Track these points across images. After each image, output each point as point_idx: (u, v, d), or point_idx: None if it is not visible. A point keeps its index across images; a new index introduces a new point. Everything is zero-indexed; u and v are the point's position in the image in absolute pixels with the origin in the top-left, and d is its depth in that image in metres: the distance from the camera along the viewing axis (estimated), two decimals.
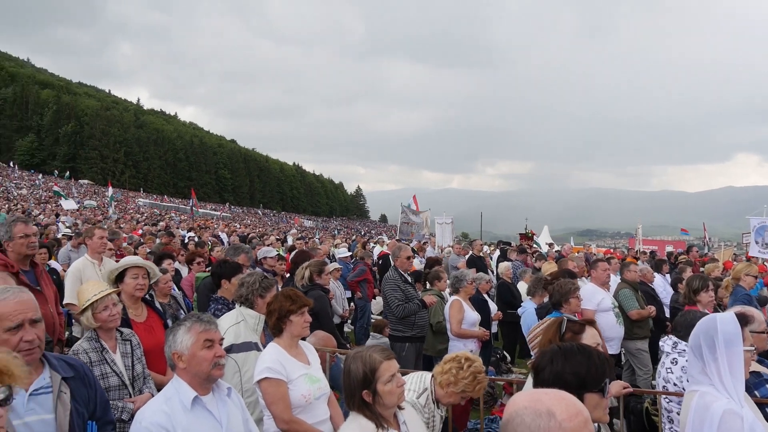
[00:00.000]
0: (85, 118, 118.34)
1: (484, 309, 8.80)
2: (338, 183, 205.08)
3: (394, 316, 7.38)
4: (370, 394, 3.00)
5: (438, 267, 9.29)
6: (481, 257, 15.07)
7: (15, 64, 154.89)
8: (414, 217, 25.50)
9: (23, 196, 50.82)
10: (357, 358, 3.09)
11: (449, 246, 18.69)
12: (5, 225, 5.04)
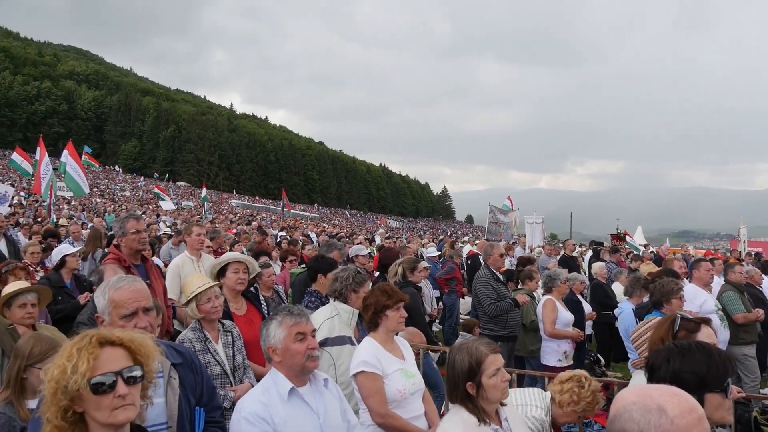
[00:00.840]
0: (183, 123, 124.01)
1: (578, 310, 8.56)
2: (424, 184, 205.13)
3: (486, 315, 7.30)
4: (474, 386, 2.97)
5: (530, 266, 9.11)
6: (574, 257, 14.69)
7: (120, 73, 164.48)
8: (502, 217, 25.13)
9: (127, 198, 53.78)
10: (463, 349, 3.06)
11: (539, 246, 18.30)
12: (119, 221, 5.35)
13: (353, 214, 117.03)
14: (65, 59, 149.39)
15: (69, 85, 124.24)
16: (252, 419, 2.96)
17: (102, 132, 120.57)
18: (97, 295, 2.80)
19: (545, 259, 14.62)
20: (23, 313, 4.29)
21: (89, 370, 1.90)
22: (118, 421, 1.96)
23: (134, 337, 2.07)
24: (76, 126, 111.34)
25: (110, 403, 1.93)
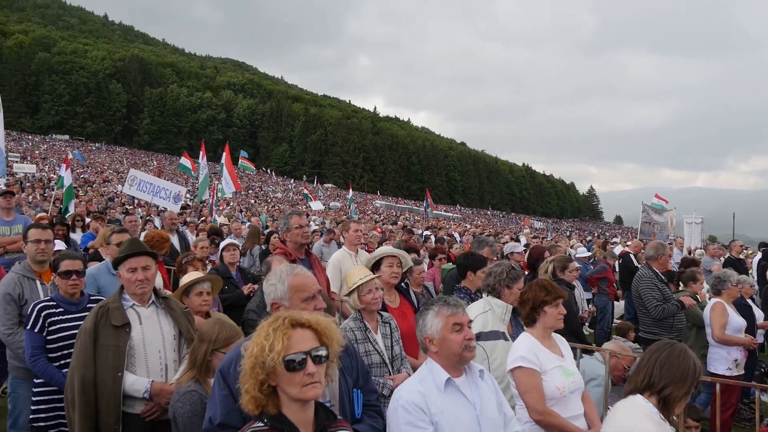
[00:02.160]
0: (329, 127, 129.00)
1: (749, 315, 7.89)
2: (569, 183, 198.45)
3: (650, 317, 6.93)
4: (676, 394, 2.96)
5: (695, 268, 8.54)
6: (741, 260, 13.57)
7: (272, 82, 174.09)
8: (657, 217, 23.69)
9: (279, 199, 56.73)
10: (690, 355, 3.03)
11: (699, 248, 17.09)
12: (283, 218, 5.70)
13: (495, 214, 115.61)
14: (224, 71, 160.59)
15: (227, 95, 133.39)
16: (409, 408, 3.01)
17: (256, 137, 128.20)
18: (273, 283, 2.98)
19: (708, 261, 13.62)
20: (200, 300, 4.67)
21: (284, 348, 2.11)
22: (307, 396, 2.16)
23: (320, 320, 2.24)
24: (233, 133, 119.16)
25: (300, 380, 2.12)
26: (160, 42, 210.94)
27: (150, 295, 4.01)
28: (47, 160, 59.61)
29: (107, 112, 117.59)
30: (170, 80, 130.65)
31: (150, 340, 3.89)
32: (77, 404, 3.69)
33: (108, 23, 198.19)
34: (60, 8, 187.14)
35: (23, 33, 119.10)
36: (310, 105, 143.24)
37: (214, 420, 2.62)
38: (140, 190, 9.65)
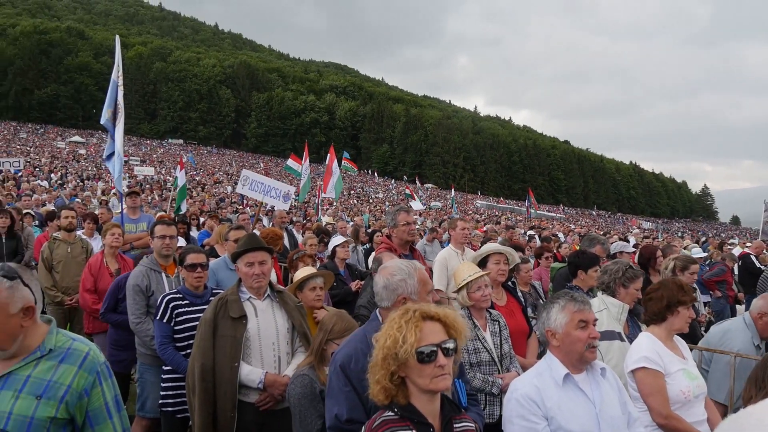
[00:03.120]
0: (429, 127, 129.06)
1: None
2: (681, 182, 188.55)
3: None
4: None
5: None
6: None
7: (373, 84, 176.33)
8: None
9: (380, 200, 57.38)
10: None
11: None
12: (391, 214, 5.76)
13: (601, 214, 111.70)
14: (326, 74, 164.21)
15: (330, 98, 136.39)
16: (523, 401, 2.98)
17: (357, 139, 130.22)
18: (402, 278, 3.00)
19: None
20: (314, 295, 4.80)
21: (416, 341, 2.15)
22: (438, 388, 2.21)
23: (448, 313, 2.28)
24: (335, 135, 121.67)
25: (431, 372, 2.17)
26: (267, 48, 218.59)
27: (266, 289, 4.16)
28: (164, 163, 63.21)
29: (217, 117, 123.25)
30: (276, 85, 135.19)
31: (265, 332, 4.04)
32: (197, 391, 3.89)
33: (218, 32, 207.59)
34: (175, 20, 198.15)
35: (142, 44, 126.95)
36: (410, 106, 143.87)
37: (341, 417, 2.68)
38: (252, 190, 10.04)
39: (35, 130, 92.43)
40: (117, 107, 8.44)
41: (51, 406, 2.37)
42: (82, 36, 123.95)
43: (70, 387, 2.41)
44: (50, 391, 2.38)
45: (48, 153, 54.58)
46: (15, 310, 2.35)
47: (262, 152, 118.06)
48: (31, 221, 10.92)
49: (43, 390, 2.37)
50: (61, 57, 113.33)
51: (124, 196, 8.95)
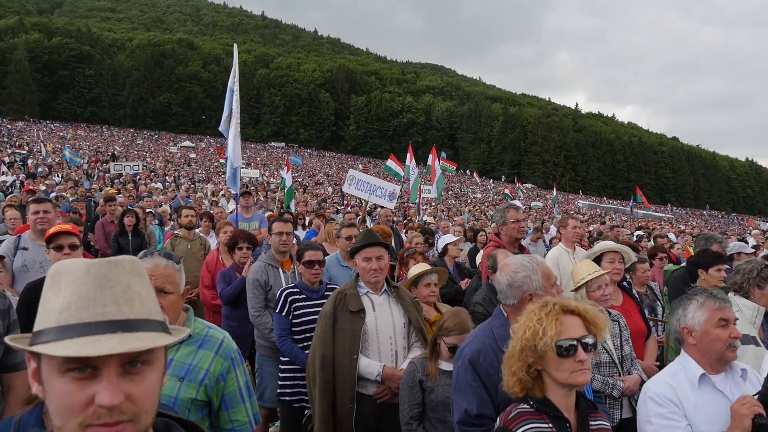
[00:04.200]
0: (528, 126, 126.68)
1: None
2: None
3: None
4: None
5: None
6: None
7: (470, 83, 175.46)
8: None
9: (479, 200, 56.87)
10: None
11: None
12: (499, 211, 5.71)
13: (713, 215, 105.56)
14: (423, 75, 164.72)
15: (427, 99, 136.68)
16: (659, 400, 2.87)
17: (454, 139, 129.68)
18: (527, 275, 2.98)
19: None
20: (428, 291, 4.84)
21: (556, 334, 2.13)
22: (577, 382, 2.17)
23: (588, 309, 2.25)
24: (432, 135, 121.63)
25: (570, 366, 2.14)
26: (364, 51, 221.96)
27: (383, 284, 4.23)
28: (267, 165, 65.45)
29: (317, 120, 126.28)
30: (374, 87, 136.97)
31: (382, 326, 4.10)
32: (317, 381, 4.02)
33: (317, 38, 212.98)
34: (276, 27, 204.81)
35: (246, 52, 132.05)
36: (508, 105, 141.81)
37: (470, 412, 2.69)
38: (358, 189, 10.23)
39: (150, 136, 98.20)
40: (232, 113, 8.84)
41: (192, 388, 2.52)
42: (192, 46, 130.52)
43: (208, 371, 2.55)
44: (191, 374, 2.53)
45: (162, 157, 57.81)
46: (181, 291, 2.53)
47: (360, 154, 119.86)
48: (152, 220, 11.64)
49: (185, 372, 2.52)
50: (172, 67, 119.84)
51: (238, 195, 9.38)
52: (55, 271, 1.10)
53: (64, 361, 1.01)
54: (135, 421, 1.04)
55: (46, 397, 1.05)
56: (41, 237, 5.25)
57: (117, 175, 26.60)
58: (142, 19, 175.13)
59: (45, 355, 1.03)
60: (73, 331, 1.01)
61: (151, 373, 1.08)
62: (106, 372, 1.01)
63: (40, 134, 68.11)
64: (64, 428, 1.02)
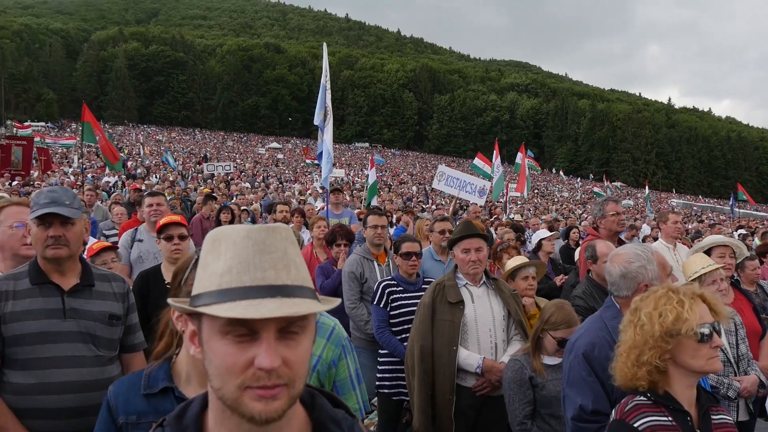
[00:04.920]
0: (617, 122, 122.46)
1: None
2: None
3: None
4: None
5: None
6: None
7: (555, 80, 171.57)
8: None
9: (565, 199, 55.55)
10: None
11: None
12: (598, 204, 5.55)
13: None
14: (508, 73, 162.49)
15: (511, 97, 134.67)
16: None
17: (539, 137, 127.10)
18: (642, 265, 2.89)
19: None
20: (526, 284, 4.76)
21: (697, 320, 2.07)
22: (713, 369, 2.14)
23: (709, 295, 2.18)
24: (516, 134, 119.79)
25: (707, 352, 2.09)
26: (447, 50, 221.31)
27: (481, 276, 4.19)
28: (351, 165, 66.37)
29: (401, 120, 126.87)
30: (457, 86, 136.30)
31: (481, 318, 4.06)
32: (417, 372, 4.02)
33: (401, 38, 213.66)
34: (360, 29, 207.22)
35: (331, 54, 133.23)
36: (596, 101, 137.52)
37: (586, 408, 2.63)
38: (448, 185, 10.21)
39: (239, 138, 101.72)
40: (326, 109, 9.02)
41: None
42: (279, 50, 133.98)
43: (321, 357, 2.59)
44: None
45: (251, 158, 59.72)
46: None
47: (444, 153, 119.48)
48: (246, 217, 12.03)
49: None
50: (260, 71, 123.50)
51: (329, 192, 9.56)
52: (214, 236, 1.13)
53: (226, 322, 1.03)
54: (290, 386, 1.06)
55: (206, 358, 1.09)
56: (153, 228, 5.56)
57: (209, 176, 27.74)
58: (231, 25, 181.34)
59: (206, 317, 1.07)
60: (234, 294, 1.04)
61: (305, 340, 1.10)
62: (266, 335, 1.03)
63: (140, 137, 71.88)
64: (223, 388, 1.05)
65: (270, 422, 1.05)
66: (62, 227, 2.66)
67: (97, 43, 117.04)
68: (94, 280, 2.80)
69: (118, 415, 1.66)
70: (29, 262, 2.79)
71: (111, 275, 3.00)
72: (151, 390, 1.68)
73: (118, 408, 1.67)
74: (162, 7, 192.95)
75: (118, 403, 1.68)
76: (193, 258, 1.76)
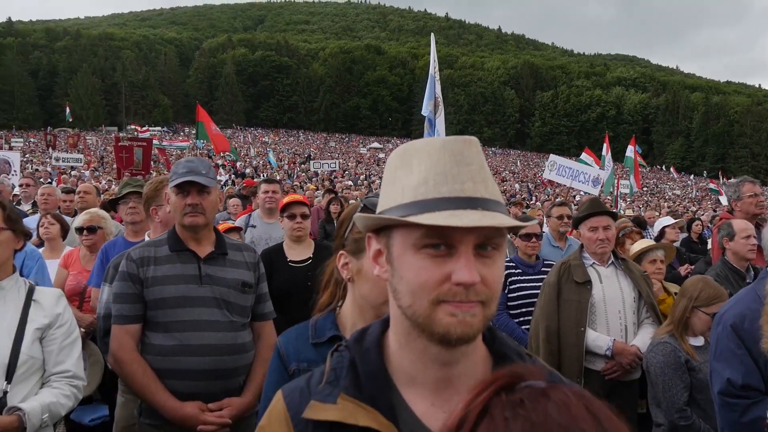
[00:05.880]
0: (735, 116, 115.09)
1: None
2: None
3: None
4: None
5: None
6: None
7: (665, 73, 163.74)
8: None
9: (678, 196, 52.85)
10: None
11: None
12: (733, 185, 5.20)
13: None
14: (613, 67, 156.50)
15: (617, 91, 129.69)
16: None
17: (648, 133, 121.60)
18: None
19: None
20: (654, 268, 4.53)
21: None
22: None
23: None
24: (623, 129, 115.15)
25: None
26: (550, 46, 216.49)
27: (609, 255, 4.02)
28: None
29: (501, 118, 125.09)
30: (560, 82, 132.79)
31: (610, 299, 3.90)
32: (542, 353, 3.90)
33: (501, 35, 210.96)
34: (460, 27, 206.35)
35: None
36: (710, 94, 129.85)
37: (735, 382, 2.47)
38: (560, 175, 9.92)
39: (341, 139, 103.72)
40: (437, 99, 8.97)
41: None
42: (379, 52, 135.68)
43: None
44: None
45: (353, 158, 60.79)
46: None
47: (546, 151, 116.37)
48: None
49: None
50: (361, 72, 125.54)
51: None
52: (403, 151, 1.09)
53: (423, 235, 0.99)
54: (485, 305, 1.00)
55: (395, 276, 1.05)
56: (269, 215, 5.74)
57: (314, 174, 28.56)
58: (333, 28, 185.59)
59: (399, 231, 1.03)
60: (432, 205, 0.99)
61: (500, 259, 1.04)
62: (464, 250, 0.98)
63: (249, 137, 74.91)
64: (414, 305, 1.01)
65: (462, 342, 1.00)
66: (199, 196, 2.76)
67: (207, 51, 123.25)
68: (227, 249, 2.90)
69: (290, 362, 1.69)
70: (168, 231, 2.93)
71: (243, 245, 3.11)
72: (319, 339, 1.70)
73: (289, 356, 1.69)
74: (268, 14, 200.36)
75: (288, 351, 1.71)
76: (358, 206, 1.76)
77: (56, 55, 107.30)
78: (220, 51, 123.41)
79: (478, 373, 1.09)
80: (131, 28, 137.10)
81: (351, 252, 1.69)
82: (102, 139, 65.71)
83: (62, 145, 45.31)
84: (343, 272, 1.72)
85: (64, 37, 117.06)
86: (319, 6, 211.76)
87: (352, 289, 1.73)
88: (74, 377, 2.51)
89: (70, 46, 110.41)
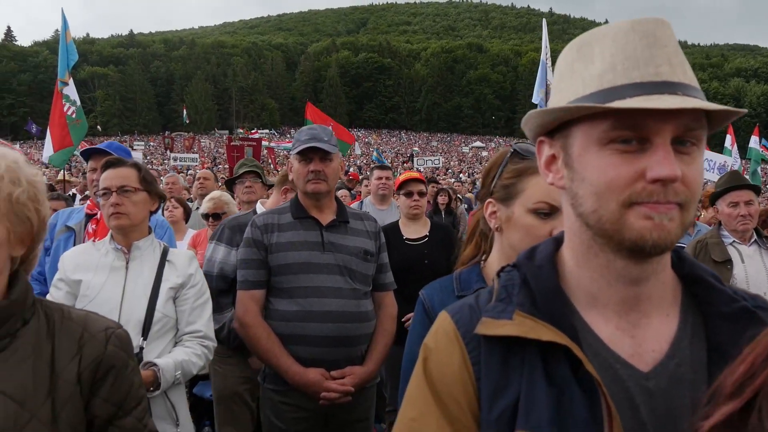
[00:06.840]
0: None
1: None
2: None
3: None
4: None
5: None
6: None
7: None
8: None
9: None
10: None
11: None
12: None
13: None
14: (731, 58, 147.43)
15: (736, 83, 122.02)
16: None
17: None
18: None
19: None
20: None
21: None
22: None
23: None
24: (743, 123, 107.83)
25: None
26: None
27: (752, 233, 3.71)
28: None
29: None
30: None
31: (754, 280, 3.58)
32: None
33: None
34: (564, 23, 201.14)
35: (535, 51, 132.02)
36: None
37: None
38: None
39: (443, 138, 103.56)
40: (548, 86, 8.70)
41: None
42: (481, 50, 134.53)
43: None
44: None
45: (455, 157, 60.58)
46: None
47: None
48: (459, 203, 12.17)
49: None
50: (463, 71, 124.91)
51: None
52: (580, 41, 0.97)
53: (610, 127, 0.86)
54: (684, 209, 0.86)
55: (575, 180, 0.92)
56: (381, 202, 5.72)
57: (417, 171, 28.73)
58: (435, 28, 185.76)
59: (579, 128, 0.91)
60: (622, 92, 0.86)
61: (700, 156, 0.89)
62: (661, 142, 0.84)
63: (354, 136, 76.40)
64: (600, 209, 0.88)
65: (656, 251, 0.86)
66: (321, 163, 2.75)
67: (312, 55, 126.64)
68: (348, 217, 2.88)
69: (435, 313, 1.63)
70: (291, 198, 2.94)
71: (364, 214, 3.07)
72: (465, 291, 1.61)
73: (434, 307, 1.62)
74: (370, 17, 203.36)
75: (433, 303, 1.64)
76: (507, 152, 1.66)
77: (173, 63, 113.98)
78: (324, 54, 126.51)
79: (668, 296, 0.96)
80: (241, 36, 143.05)
81: (499, 199, 1.59)
82: (215, 141, 69.00)
83: (179, 148, 47.83)
84: (490, 221, 1.62)
85: (180, 46, 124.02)
86: (421, 6, 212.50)
87: (499, 239, 1.63)
88: (205, 337, 2.55)
89: (185, 54, 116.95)
